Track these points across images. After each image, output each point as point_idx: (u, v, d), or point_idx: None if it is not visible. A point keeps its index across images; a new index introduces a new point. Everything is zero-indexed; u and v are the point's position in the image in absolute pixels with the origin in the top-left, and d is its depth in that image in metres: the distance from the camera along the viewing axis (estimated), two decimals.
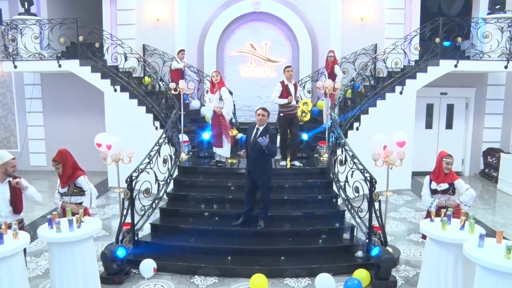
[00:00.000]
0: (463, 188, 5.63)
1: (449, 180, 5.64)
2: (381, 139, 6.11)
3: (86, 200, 5.59)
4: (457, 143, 12.27)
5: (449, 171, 5.65)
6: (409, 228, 8.02)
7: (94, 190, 5.62)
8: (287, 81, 8.19)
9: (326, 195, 7.48)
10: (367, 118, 9.65)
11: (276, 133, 6.75)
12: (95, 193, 5.64)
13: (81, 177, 5.54)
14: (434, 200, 5.69)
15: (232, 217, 6.85)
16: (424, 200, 5.83)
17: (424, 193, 5.81)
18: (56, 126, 12.45)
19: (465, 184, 5.69)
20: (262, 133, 6.50)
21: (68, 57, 10.66)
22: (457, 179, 5.68)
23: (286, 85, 8.16)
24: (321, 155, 8.73)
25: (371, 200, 6.08)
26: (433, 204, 5.60)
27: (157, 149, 6.91)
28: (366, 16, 11.56)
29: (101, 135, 6.34)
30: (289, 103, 8.04)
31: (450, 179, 5.64)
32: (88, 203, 5.58)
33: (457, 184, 5.67)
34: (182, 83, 8.77)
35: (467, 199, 5.58)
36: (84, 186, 5.55)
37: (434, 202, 5.62)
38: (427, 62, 10.00)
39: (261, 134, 6.49)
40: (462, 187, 5.64)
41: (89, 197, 5.55)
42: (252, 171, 6.55)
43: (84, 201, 5.60)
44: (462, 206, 5.54)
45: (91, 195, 5.57)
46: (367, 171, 6.19)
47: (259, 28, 11.70)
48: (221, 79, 8.21)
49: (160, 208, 7.16)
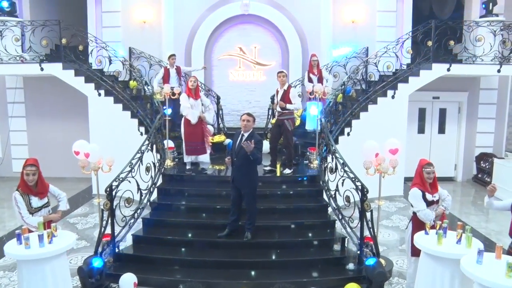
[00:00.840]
0: (444, 194, 5.42)
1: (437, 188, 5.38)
2: (373, 146, 5.85)
3: (63, 204, 5.41)
4: (449, 148, 12.09)
5: (432, 180, 5.30)
6: (402, 237, 7.72)
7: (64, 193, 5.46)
8: (280, 86, 7.99)
9: (316, 204, 7.21)
10: (359, 123, 9.43)
11: (261, 140, 6.46)
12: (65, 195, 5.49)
13: (51, 186, 5.32)
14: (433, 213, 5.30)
15: (219, 227, 6.55)
16: (425, 216, 5.13)
17: (421, 207, 5.19)
18: (40, 131, 12.10)
19: (443, 190, 5.49)
20: (247, 139, 6.22)
21: (51, 60, 10.33)
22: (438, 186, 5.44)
23: (277, 91, 8.04)
24: (311, 162, 8.46)
25: (363, 210, 5.82)
26: (433, 217, 5.24)
27: (139, 156, 6.60)
28: (357, 18, 11.34)
29: (80, 142, 6.01)
30: (274, 109, 7.81)
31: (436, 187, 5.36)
32: (65, 206, 5.35)
33: (440, 191, 5.39)
34: (166, 88, 8.46)
35: (450, 204, 5.46)
36: (56, 191, 5.36)
37: (433, 215, 5.25)
38: (419, 66, 9.80)
39: (247, 140, 6.22)
40: (443, 193, 5.42)
41: (65, 200, 5.40)
42: (236, 179, 6.26)
43: (60, 205, 5.41)
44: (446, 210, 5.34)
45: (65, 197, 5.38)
46: (358, 180, 5.93)
47: (248, 31, 11.44)
48: (197, 84, 8.05)
49: (143, 218, 6.84)
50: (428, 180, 5.24)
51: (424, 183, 5.26)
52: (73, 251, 7.08)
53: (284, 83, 7.95)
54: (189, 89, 7.88)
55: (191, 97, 7.83)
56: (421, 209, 5.19)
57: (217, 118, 10.74)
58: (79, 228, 8.25)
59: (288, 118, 7.93)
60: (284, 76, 7.94)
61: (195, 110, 7.81)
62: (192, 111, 7.85)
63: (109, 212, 5.93)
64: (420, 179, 5.30)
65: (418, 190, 5.25)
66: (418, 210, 5.21)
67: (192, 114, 7.83)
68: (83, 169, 6.03)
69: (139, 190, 6.58)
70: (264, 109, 11.05)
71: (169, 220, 6.88)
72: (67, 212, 9.09)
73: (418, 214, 5.23)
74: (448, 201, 5.40)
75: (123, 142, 9.08)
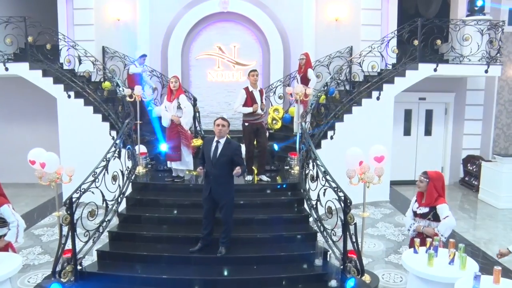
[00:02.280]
0: (442, 214, 4.84)
1: (433, 203, 4.89)
2: (357, 153, 5.39)
3: (11, 234, 4.68)
4: (436, 150, 11.76)
5: (422, 189, 4.96)
6: (388, 247, 7.34)
7: (21, 221, 4.72)
8: (252, 87, 7.45)
9: (296, 214, 6.73)
10: (342, 126, 9.00)
11: (239, 146, 6.00)
12: (22, 225, 4.73)
13: (4, 206, 4.62)
14: (413, 224, 5.02)
15: (193, 240, 6.03)
16: (404, 221, 5.20)
17: (407, 214, 5.18)
18: (7, 134, 11.47)
19: (447, 210, 4.86)
20: (225, 147, 5.74)
21: (16, 60, 9.72)
22: (442, 203, 4.87)
23: (250, 92, 7.42)
24: (292, 168, 8.01)
25: (346, 223, 5.37)
26: (411, 227, 4.95)
27: (105, 165, 6.05)
28: (341, 17, 10.93)
29: (35, 150, 5.44)
30: (254, 111, 7.31)
31: (433, 201, 4.89)
32: (14, 237, 4.67)
33: (439, 209, 4.86)
34: (137, 89, 7.92)
35: (444, 228, 4.81)
36: (8, 217, 4.65)
37: (412, 225, 4.95)
38: (405, 66, 9.42)
39: (224, 148, 5.74)
40: (442, 213, 4.85)
41: (15, 231, 4.65)
42: (214, 190, 5.75)
43: (8, 234, 4.68)
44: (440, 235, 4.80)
45: (18, 227, 4.66)
46: (341, 190, 5.48)
47: (227, 29, 10.93)
48: (179, 86, 7.40)
49: (109, 231, 6.31)
50: (418, 188, 5.05)
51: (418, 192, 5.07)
52: (34, 267, 6.55)
53: (256, 83, 7.49)
54: (170, 90, 7.33)
55: (167, 99, 7.32)
56: (405, 214, 5.23)
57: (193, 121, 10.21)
58: (43, 240, 7.69)
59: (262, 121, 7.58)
60: (258, 75, 7.50)
61: (169, 113, 7.27)
62: (165, 114, 7.32)
63: (69, 227, 5.39)
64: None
65: (414, 198, 5.18)
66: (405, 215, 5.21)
67: (164, 118, 7.31)
68: (40, 179, 5.47)
69: (104, 201, 6.04)
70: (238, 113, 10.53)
71: (137, 233, 6.34)
72: (33, 221, 8.60)
73: None
74: (442, 226, 4.81)
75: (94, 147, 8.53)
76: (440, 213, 4.85)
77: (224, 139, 5.79)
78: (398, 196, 10.40)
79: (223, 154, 5.73)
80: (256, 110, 7.34)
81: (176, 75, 7.69)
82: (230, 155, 5.72)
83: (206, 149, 5.84)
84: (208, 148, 5.81)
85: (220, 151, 5.74)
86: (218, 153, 5.74)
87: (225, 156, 5.72)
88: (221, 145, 5.77)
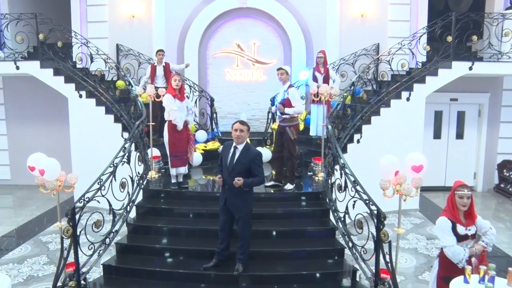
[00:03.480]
0: (485, 225, 4.18)
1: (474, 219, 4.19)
2: (392, 162, 4.74)
3: None
4: (468, 155, 10.99)
5: (466, 208, 4.09)
6: (421, 263, 6.67)
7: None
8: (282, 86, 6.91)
9: (321, 227, 6.11)
10: (370, 128, 8.37)
11: (260, 153, 5.39)
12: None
13: None
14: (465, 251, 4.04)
15: (206, 255, 5.52)
16: (453, 254, 4.00)
17: (449, 242, 4.03)
18: (21, 135, 11.14)
19: (485, 220, 4.23)
20: (242, 154, 5.17)
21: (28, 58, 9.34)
22: (476, 215, 4.21)
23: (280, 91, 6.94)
24: (316, 174, 7.40)
25: (378, 240, 4.76)
26: (465, 257, 3.98)
27: (112, 171, 5.55)
28: (367, 12, 10.28)
29: (35, 156, 4.95)
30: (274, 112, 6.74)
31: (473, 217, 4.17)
32: None
33: (478, 222, 4.19)
34: (150, 89, 7.41)
35: (492, 239, 4.17)
36: None
37: (466, 254, 4.01)
38: (437, 64, 8.71)
39: (242, 155, 5.17)
40: (483, 225, 4.19)
41: None
42: (230, 201, 5.19)
43: None
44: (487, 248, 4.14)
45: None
46: (373, 203, 4.86)
47: (246, 25, 10.38)
48: (182, 85, 6.94)
49: (117, 243, 5.81)
50: (461, 208, 4.08)
51: (455, 211, 4.11)
52: (38, 279, 6.10)
53: (286, 82, 6.83)
54: (173, 89, 6.78)
55: (177, 98, 6.76)
56: (448, 245, 4.03)
57: (210, 122, 9.73)
58: (50, 248, 7.24)
59: (289, 125, 6.78)
60: (283, 73, 6.74)
61: (182, 114, 6.76)
62: (180, 115, 6.80)
63: (72, 240, 4.90)
64: (451, 206, 4.14)
65: (446, 220, 4.09)
66: (445, 245, 4.06)
67: (180, 119, 6.78)
68: (41, 187, 4.99)
69: (111, 210, 5.54)
70: (264, 111, 9.99)
71: (147, 245, 5.81)
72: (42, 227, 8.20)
73: (444, 251, 4.11)
74: (491, 236, 4.16)
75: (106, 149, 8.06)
76: (480, 225, 4.18)
77: (242, 145, 5.23)
78: (428, 203, 9.70)
79: (240, 161, 5.16)
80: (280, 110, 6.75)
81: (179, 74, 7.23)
82: (248, 163, 5.16)
83: (224, 155, 5.28)
84: (225, 154, 5.24)
85: (237, 158, 5.18)
86: (235, 161, 5.18)
87: (243, 164, 5.15)
88: (239, 152, 5.20)
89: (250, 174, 5.16)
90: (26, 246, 7.29)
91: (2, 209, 9.63)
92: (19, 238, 7.66)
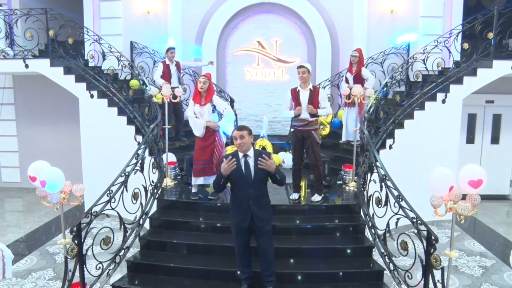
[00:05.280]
0: None
1: None
2: (446, 176, 4.06)
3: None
4: (504, 161, 10.23)
5: None
6: (465, 285, 5.97)
7: (7, 252, 3.59)
8: (301, 86, 6.15)
9: (355, 245, 5.44)
10: (402, 133, 7.70)
11: (270, 153, 4.79)
12: (9, 257, 3.60)
13: None
14: None
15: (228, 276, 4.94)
16: None
17: None
18: (31, 136, 10.70)
19: None
20: (256, 160, 4.53)
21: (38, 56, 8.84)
22: None
23: (297, 92, 6.13)
24: (347, 183, 6.75)
25: (428, 265, 4.10)
26: None
27: (123, 180, 4.98)
28: (397, 8, 9.59)
29: (37, 164, 4.38)
30: (296, 115, 6.06)
31: None
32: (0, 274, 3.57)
33: None
34: (166, 89, 6.82)
35: None
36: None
37: None
38: (476, 64, 7.99)
39: (255, 161, 4.53)
40: None
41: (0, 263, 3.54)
42: (257, 217, 4.53)
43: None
44: None
45: (4, 260, 3.54)
46: (422, 222, 4.21)
47: (268, 22, 9.77)
48: (210, 86, 6.15)
49: (128, 261, 5.23)
50: None
51: None
52: None
53: (306, 81, 6.13)
54: (198, 92, 6.15)
55: (197, 103, 6.15)
56: None
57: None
58: (57, 261, 6.68)
59: (314, 128, 6.16)
60: (305, 72, 6.04)
61: (202, 119, 6.11)
62: (196, 122, 6.17)
63: (77, 259, 4.34)
64: None
65: None
66: None
67: (196, 125, 6.13)
68: (43, 199, 4.43)
69: (122, 225, 4.97)
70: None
71: (162, 264, 5.20)
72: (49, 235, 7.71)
73: None
74: None
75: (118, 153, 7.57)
76: None
77: (251, 151, 4.61)
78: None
79: (258, 168, 4.51)
80: (299, 114, 6.08)
81: (208, 73, 6.41)
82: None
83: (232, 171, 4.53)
84: (235, 168, 4.54)
85: (254, 166, 4.55)
86: (252, 170, 4.56)
87: (262, 170, 4.52)
88: (252, 159, 4.57)
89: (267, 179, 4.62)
90: (32, 258, 6.77)
91: (11, 213, 9.19)
92: (25, 248, 7.15)
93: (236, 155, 4.58)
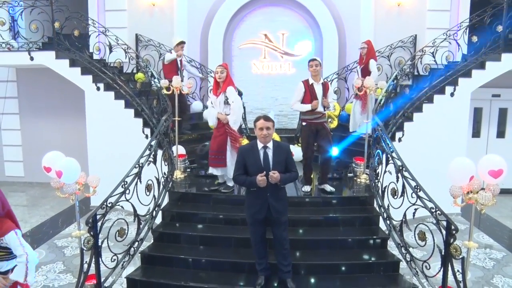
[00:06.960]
0: None
1: None
2: (466, 166, 4.05)
3: (18, 271, 3.29)
4: (510, 155, 9.85)
5: None
6: (477, 276, 5.96)
7: (32, 255, 3.40)
8: (313, 79, 6.10)
9: (369, 236, 5.42)
10: (412, 126, 7.70)
11: (289, 145, 4.80)
12: (33, 261, 3.38)
13: (10, 233, 3.26)
14: None
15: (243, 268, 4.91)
16: None
17: None
18: (35, 130, 10.62)
19: None
20: (276, 152, 4.51)
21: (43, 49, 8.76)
22: None
23: (310, 85, 6.07)
24: (358, 176, 6.72)
25: (447, 256, 4.09)
26: None
27: (137, 172, 4.94)
28: (404, 1, 9.52)
29: (52, 154, 4.30)
30: (313, 109, 6.02)
31: None
32: (22, 276, 3.36)
33: None
34: (176, 80, 6.77)
35: None
36: (15, 248, 3.29)
37: None
38: (485, 57, 7.97)
39: (275, 153, 4.51)
40: None
41: (23, 268, 3.28)
42: (274, 209, 4.48)
43: (15, 271, 3.31)
44: None
45: (27, 263, 3.36)
46: (441, 212, 4.19)
47: (274, 15, 9.67)
48: (227, 76, 6.10)
49: (142, 253, 5.19)
50: None
51: None
52: None
53: (318, 74, 6.11)
54: (216, 82, 6.13)
55: (213, 92, 6.15)
56: None
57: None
58: (66, 254, 6.64)
59: (326, 120, 6.27)
60: (318, 65, 6.04)
61: (215, 110, 6.11)
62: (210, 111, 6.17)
63: (93, 251, 4.29)
64: None
65: None
66: None
67: (210, 115, 6.13)
68: (58, 191, 4.37)
69: (136, 217, 4.93)
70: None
71: (175, 256, 5.17)
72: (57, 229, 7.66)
73: None
74: None
75: (125, 146, 7.59)
76: None
77: (271, 142, 4.57)
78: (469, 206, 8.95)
79: (277, 161, 4.50)
80: (316, 107, 6.04)
81: (224, 63, 6.39)
82: (284, 159, 4.54)
83: (250, 160, 4.52)
84: (253, 159, 4.49)
85: (273, 158, 4.51)
86: (271, 162, 4.51)
87: (280, 163, 4.50)
88: (271, 151, 4.53)
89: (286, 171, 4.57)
90: (41, 251, 6.70)
91: (15, 208, 9.04)
92: (33, 242, 7.06)
93: (255, 145, 4.54)
